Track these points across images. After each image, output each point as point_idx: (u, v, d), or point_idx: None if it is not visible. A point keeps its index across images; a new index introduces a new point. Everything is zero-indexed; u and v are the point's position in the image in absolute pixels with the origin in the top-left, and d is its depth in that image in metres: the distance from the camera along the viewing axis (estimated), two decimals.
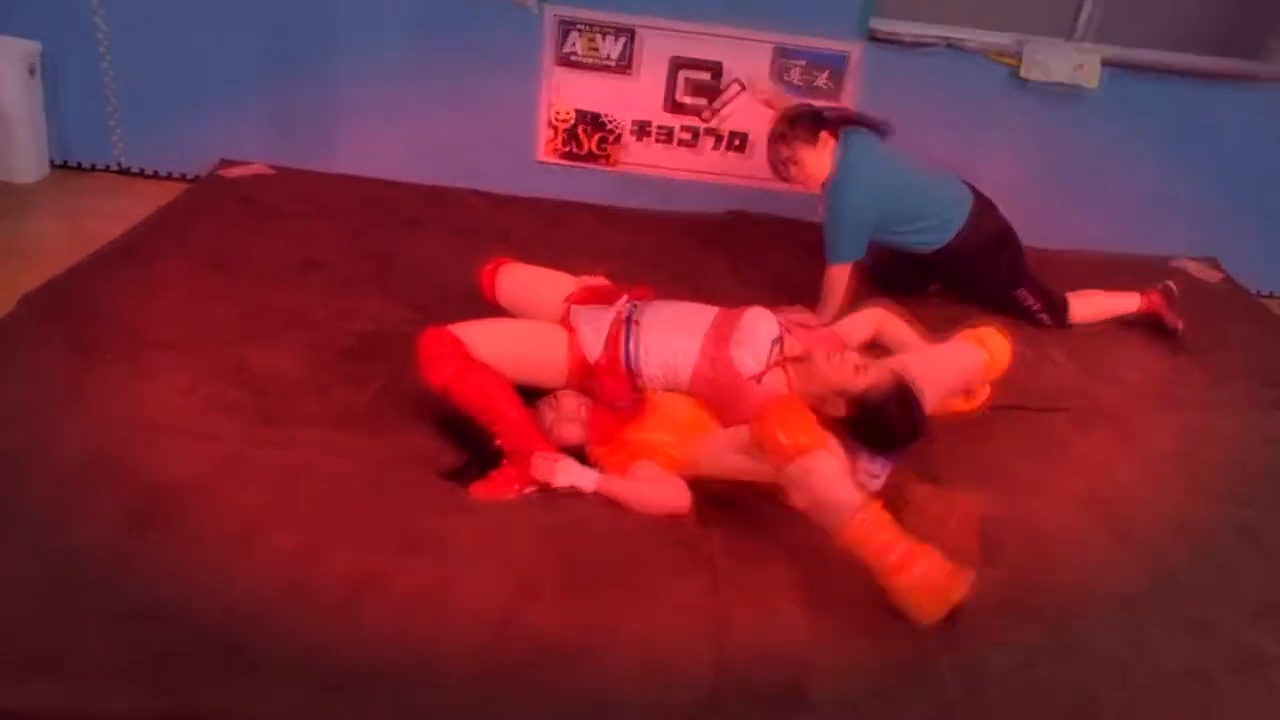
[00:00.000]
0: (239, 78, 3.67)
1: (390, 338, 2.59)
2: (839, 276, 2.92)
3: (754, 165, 3.78)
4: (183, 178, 3.83)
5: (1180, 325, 3.10)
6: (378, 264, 3.11)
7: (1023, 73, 3.58)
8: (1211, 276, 3.66)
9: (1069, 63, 3.59)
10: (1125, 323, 3.18)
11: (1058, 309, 3.11)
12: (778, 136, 2.87)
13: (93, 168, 3.83)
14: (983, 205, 3.06)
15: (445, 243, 3.29)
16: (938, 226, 3.00)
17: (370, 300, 2.83)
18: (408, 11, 3.55)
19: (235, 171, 3.66)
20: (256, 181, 3.61)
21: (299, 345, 2.51)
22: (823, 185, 2.90)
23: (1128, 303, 3.16)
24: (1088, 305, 3.14)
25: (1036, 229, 3.78)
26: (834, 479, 1.83)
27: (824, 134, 2.83)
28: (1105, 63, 3.59)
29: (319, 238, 3.22)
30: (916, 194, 2.99)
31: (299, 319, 2.66)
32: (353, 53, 3.63)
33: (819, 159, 2.85)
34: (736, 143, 3.76)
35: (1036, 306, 3.10)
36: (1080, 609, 1.91)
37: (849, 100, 3.65)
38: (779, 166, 2.91)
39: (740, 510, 2.08)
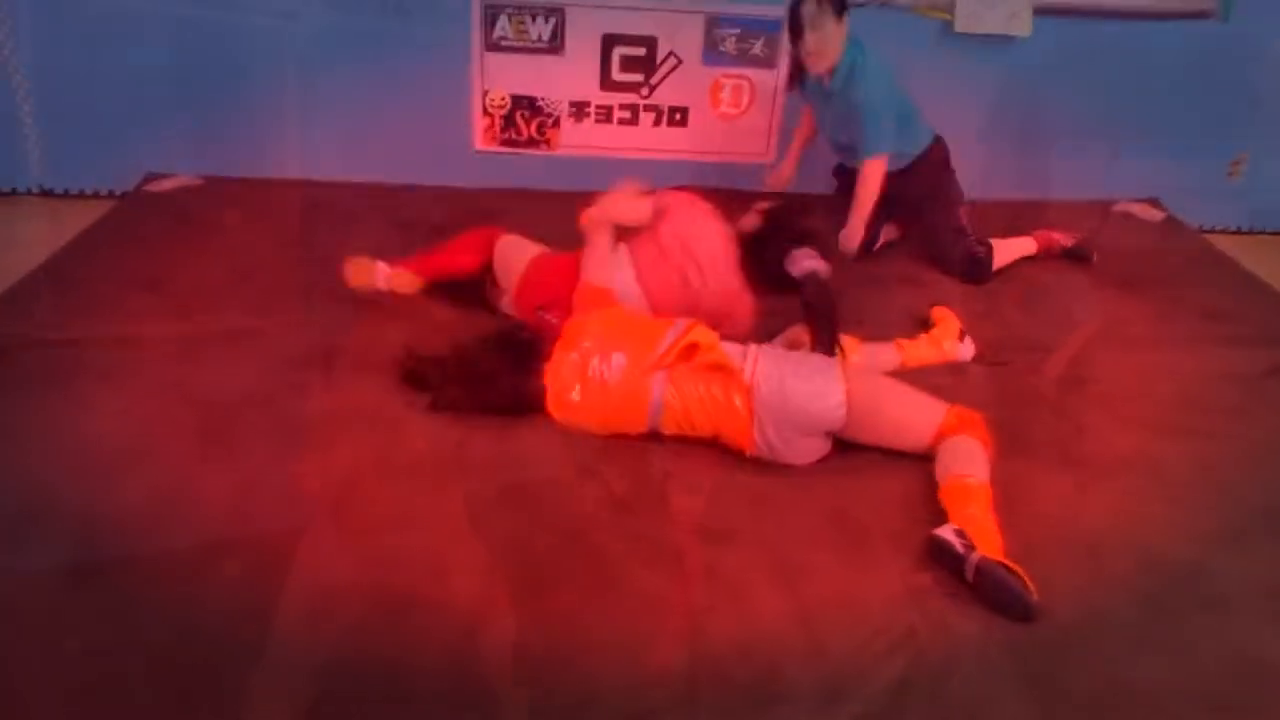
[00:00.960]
0: (159, 87, 3.52)
1: (335, 343, 2.53)
2: (876, 171, 3.01)
3: (697, 138, 3.74)
4: (110, 195, 3.69)
5: (1090, 251, 3.27)
6: (317, 269, 3.02)
7: (956, 26, 3.57)
8: (1154, 216, 3.70)
9: (1002, 12, 3.58)
10: (1071, 265, 3.22)
11: (985, 246, 3.18)
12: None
13: (13, 192, 3.68)
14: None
15: (387, 241, 3.21)
16: (915, 135, 3.16)
17: (309, 306, 2.75)
18: (327, 7, 3.44)
19: (162, 185, 3.54)
20: (185, 194, 3.50)
21: (241, 360, 2.44)
22: (828, 71, 2.96)
23: (1025, 245, 3.28)
24: (998, 251, 3.21)
25: (977, 182, 3.80)
26: None
27: (845, 16, 2.90)
28: (1037, 10, 3.59)
29: (253, 247, 3.13)
30: (904, 96, 3.11)
31: (239, 332, 2.59)
32: (275, 54, 3.50)
33: (839, 36, 2.90)
34: (677, 117, 3.71)
35: (971, 233, 3.20)
36: (1046, 552, 1.91)
37: (784, 68, 3.61)
38: (800, 30, 2.90)
39: (708, 495, 2.06)
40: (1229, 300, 3.08)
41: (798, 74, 3.16)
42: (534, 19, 3.50)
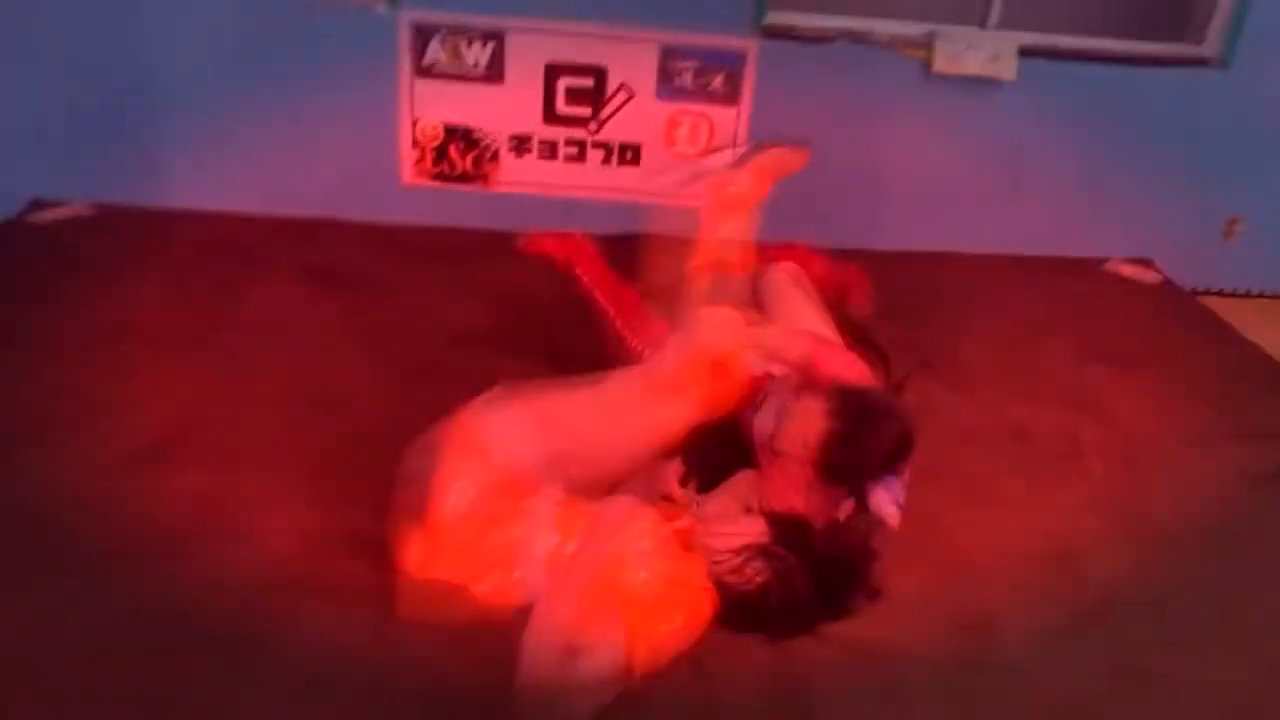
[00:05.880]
0: (56, 108, 3.15)
1: (214, 424, 2.15)
2: None
3: (651, 178, 3.40)
4: None
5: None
6: (208, 322, 2.64)
7: (934, 66, 3.26)
8: (1148, 279, 3.39)
9: (983, 53, 3.27)
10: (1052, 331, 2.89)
11: None
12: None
13: None
14: None
15: (295, 289, 2.85)
16: None
17: (191, 373, 2.36)
18: (235, 23, 3.08)
19: (48, 215, 3.15)
20: (72, 225, 3.11)
21: (84, 443, 2.04)
22: None
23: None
24: None
25: (956, 232, 3.52)
26: None
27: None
28: (1022, 51, 3.29)
29: (138, 292, 2.73)
30: None
31: (94, 404, 2.19)
32: (179, 73, 3.14)
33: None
34: (629, 155, 3.37)
35: None
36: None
37: (746, 104, 3.28)
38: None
39: None
40: (1237, 381, 2.75)
41: None
42: (470, 44, 3.15)
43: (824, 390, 1.84)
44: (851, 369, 1.96)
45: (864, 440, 1.79)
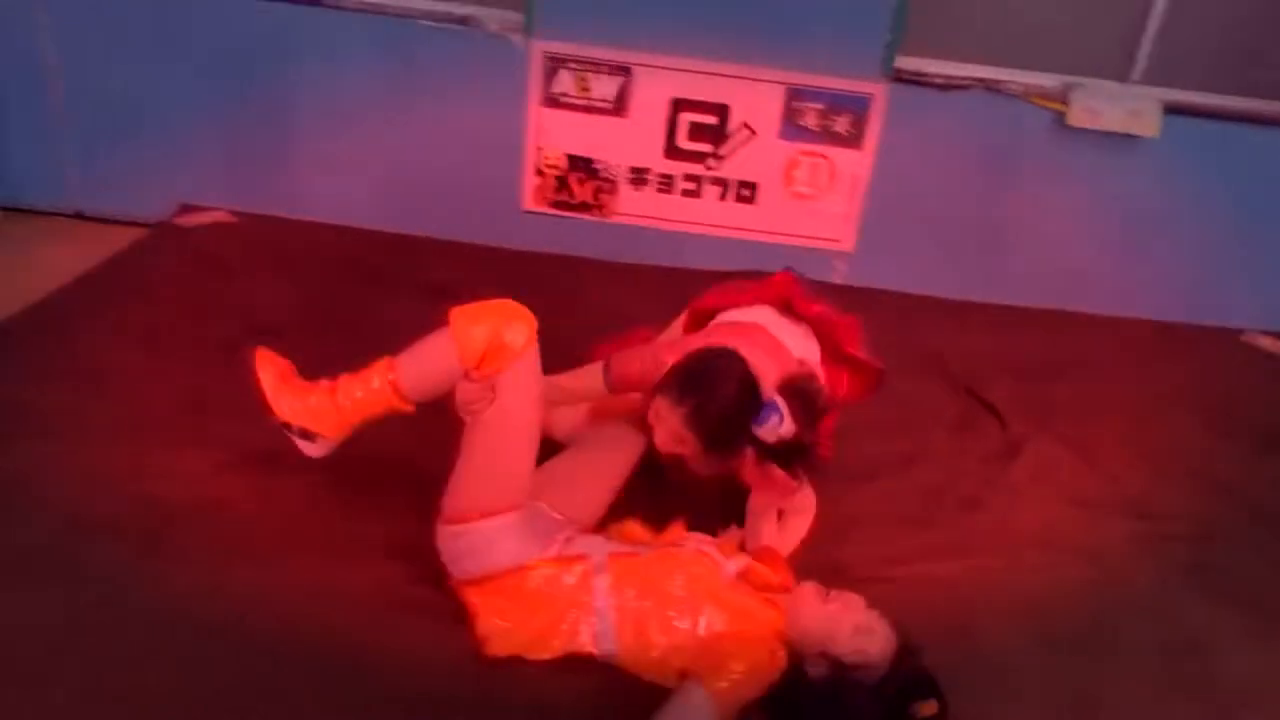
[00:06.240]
0: (202, 115, 3.36)
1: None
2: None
3: (766, 218, 3.39)
4: (143, 223, 3.51)
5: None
6: (338, 332, 2.74)
7: (1070, 119, 3.16)
8: None
9: (1123, 108, 3.15)
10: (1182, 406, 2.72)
11: None
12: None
13: (46, 211, 3.53)
14: None
15: (417, 305, 2.92)
16: None
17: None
18: (379, 44, 3.22)
19: (193, 219, 3.34)
20: (213, 231, 3.28)
21: (212, 442, 2.14)
22: None
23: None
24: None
25: (1084, 292, 3.40)
26: None
27: None
28: (1166, 107, 3.15)
29: (272, 301, 2.87)
30: None
31: (223, 406, 2.29)
32: (321, 88, 3.30)
33: None
34: (746, 193, 3.37)
35: None
36: None
37: (871, 148, 3.24)
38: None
39: None
40: None
41: None
42: (598, 76, 3.21)
43: (653, 388, 1.80)
44: (671, 352, 1.87)
45: (715, 398, 1.72)
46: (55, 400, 2.21)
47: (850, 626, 1.58)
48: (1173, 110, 3.17)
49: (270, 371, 1.80)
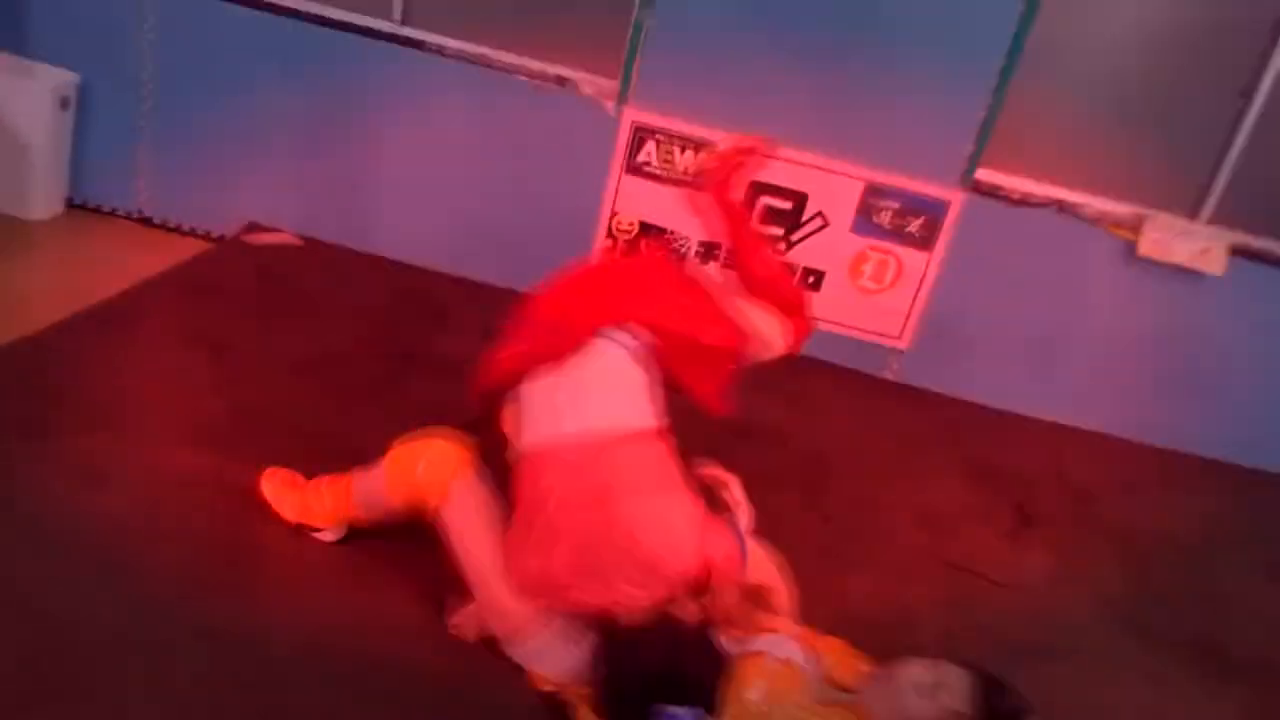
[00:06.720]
0: (282, 136, 3.40)
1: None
2: None
3: (828, 307, 3.40)
4: (206, 235, 3.52)
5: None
6: (400, 366, 2.73)
7: (1140, 249, 3.21)
8: None
9: (1193, 244, 3.21)
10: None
11: None
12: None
13: (112, 212, 3.54)
14: None
15: (478, 348, 2.92)
16: None
17: (378, 412, 2.42)
18: (474, 94, 3.27)
19: (260, 238, 3.35)
20: (280, 253, 3.29)
21: (280, 460, 2.10)
22: None
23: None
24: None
25: (1137, 420, 3.40)
26: None
27: None
28: (1234, 249, 3.21)
29: (334, 328, 2.86)
30: None
31: (289, 427, 2.27)
32: (407, 128, 3.34)
33: None
34: (811, 280, 3.39)
35: None
36: None
37: (940, 252, 3.28)
38: None
39: None
40: None
41: None
42: (683, 150, 3.26)
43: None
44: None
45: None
46: (115, 397, 2.19)
47: (910, 689, 1.53)
48: (1239, 252, 3.22)
49: (272, 485, 1.94)
